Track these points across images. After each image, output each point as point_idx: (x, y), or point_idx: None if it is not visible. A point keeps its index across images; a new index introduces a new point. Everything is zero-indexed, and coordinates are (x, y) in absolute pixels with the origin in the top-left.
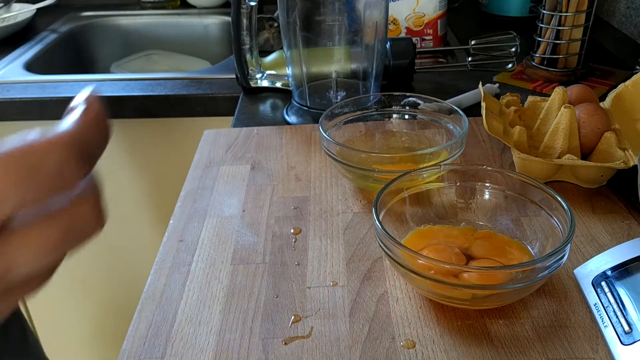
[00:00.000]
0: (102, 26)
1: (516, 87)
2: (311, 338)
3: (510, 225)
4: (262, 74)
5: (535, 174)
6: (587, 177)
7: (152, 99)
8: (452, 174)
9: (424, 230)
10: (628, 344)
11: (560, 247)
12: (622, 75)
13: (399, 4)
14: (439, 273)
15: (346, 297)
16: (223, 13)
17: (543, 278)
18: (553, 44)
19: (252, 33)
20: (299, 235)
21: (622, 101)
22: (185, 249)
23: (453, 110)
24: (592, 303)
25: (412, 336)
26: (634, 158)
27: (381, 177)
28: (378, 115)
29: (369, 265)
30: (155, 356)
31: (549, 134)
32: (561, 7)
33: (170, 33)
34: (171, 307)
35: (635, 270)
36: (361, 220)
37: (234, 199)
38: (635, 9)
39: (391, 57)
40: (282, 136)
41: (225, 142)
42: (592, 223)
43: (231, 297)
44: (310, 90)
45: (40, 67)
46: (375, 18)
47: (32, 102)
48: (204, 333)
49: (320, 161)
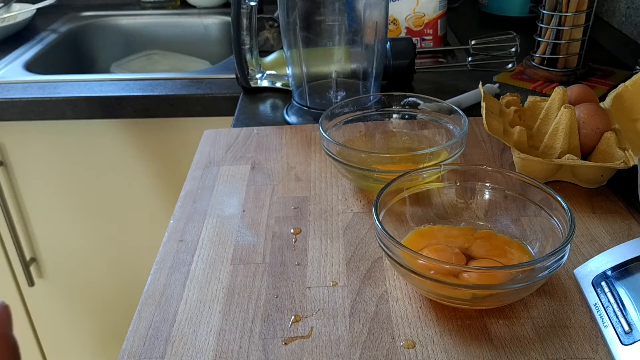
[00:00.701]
0: (102, 26)
1: (516, 87)
2: (311, 338)
3: (510, 225)
4: (262, 74)
5: (535, 174)
6: (587, 177)
7: (152, 99)
8: (452, 174)
9: (424, 230)
10: (628, 344)
11: (560, 247)
12: (622, 75)
13: (399, 4)
14: (439, 273)
15: (346, 297)
16: (223, 13)
17: (543, 278)
18: (553, 44)
19: (252, 33)
20: (299, 235)
21: (622, 101)
22: (185, 249)
23: (453, 110)
24: (592, 303)
25: (412, 336)
26: (634, 158)
27: (381, 177)
28: (378, 115)
29: (369, 265)
30: (155, 356)
31: (549, 134)
32: (561, 7)
33: (170, 33)
34: (171, 307)
35: (635, 270)
36: (361, 220)
37: (234, 198)
38: (635, 9)
39: (391, 57)
40: (282, 136)
41: (225, 142)
42: (592, 223)
43: (231, 297)
44: (310, 90)
45: (40, 67)
46: (375, 18)
47: (32, 102)
48: (204, 333)
49: (320, 161)
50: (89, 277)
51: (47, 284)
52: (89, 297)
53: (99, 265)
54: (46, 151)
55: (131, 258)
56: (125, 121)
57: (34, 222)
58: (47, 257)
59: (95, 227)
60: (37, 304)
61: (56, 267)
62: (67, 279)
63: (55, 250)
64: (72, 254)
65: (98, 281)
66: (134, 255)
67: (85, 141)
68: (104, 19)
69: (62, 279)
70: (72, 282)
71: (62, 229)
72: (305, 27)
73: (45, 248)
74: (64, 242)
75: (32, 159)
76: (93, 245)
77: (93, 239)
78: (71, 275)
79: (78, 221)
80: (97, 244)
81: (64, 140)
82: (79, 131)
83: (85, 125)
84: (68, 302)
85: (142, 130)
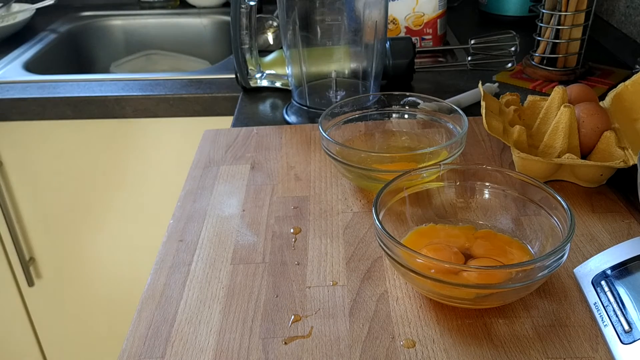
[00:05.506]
0: (101, 26)
1: (516, 86)
2: (311, 338)
3: (510, 225)
4: (261, 74)
5: (535, 174)
6: (587, 177)
7: (152, 99)
8: (451, 173)
9: (424, 230)
10: (628, 343)
11: (560, 246)
12: (621, 75)
13: (399, 3)
14: (439, 272)
15: (346, 296)
16: (223, 13)
17: (543, 277)
18: (552, 43)
19: (251, 33)
20: (299, 235)
21: (622, 100)
22: (185, 248)
23: (453, 110)
24: (592, 302)
25: (412, 335)
26: (633, 157)
27: (381, 176)
28: (378, 114)
29: (369, 264)
30: (155, 356)
31: (549, 133)
32: (561, 6)
33: (170, 33)
34: (171, 307)
35: (635, 269)
36: (361, 219)
37: (234, 198)
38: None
39: (391, 57)
40: (282, 136)
41: (225, 141)
42: (591, 222)
43: (231, 297)
44: (310, 90)
45: (39, 67)
46: (374, 17)
47: (32, 102)
48: (204, 333)
49: (320, 161)
50: (89, 277)
51: (47, 284)
52: (89, 297)
53: (99, 265)
54: (46, 151)
55: (131, 258)
56: (125, 121)
57: (34, 222)
58: (46, 257)
59: (95, 227)
60: (37, 304)
61: (56, 267)
62: (67, 279)
63: (55, 250)
64: (71, 254)
65: (98, 281)
66: (134, 255)
67: (85, 141)
68: (103, 19)
69: (62, 279)
70: (72, 282)
71: (61, 229)
72: (304, 26)
73: (45, 248)
74: (64, 242)
75: (31, 159)
76: (93, 245)
77: (93, 238)
78: (71, 275)
79: (78, 221)
80: (97, 243)
81: (63, 140)
82: (79, 131)
83: (85, 125)
84: (68, 302)
85: (142, 130)
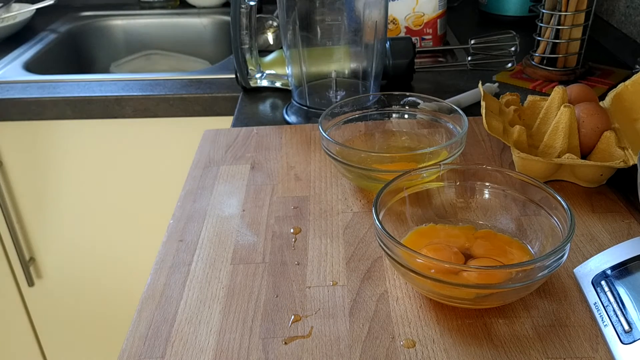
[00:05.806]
0: (101, 26)
1: (516, 86)
2: (311, 338)
3: (510, 225)
4: (261, 74)
5: (535, 174)
6: (587, 177)
7: (152, 99)
8: (451, 173)
9: (424, 230)
10: (628, 343)
11: (560, 246)
12: (621, 75)
13: (399, 3)
14: (439, 272)
15: (346, 296)
16: (223, 13)
17: (543, 277)
18: (552, 43)
19: (251, 33)
20: (299, 235)
21: (622, 100)
22: (185, 248)
23: (453, 110)
24: (592, 302)
25: (412, 335)
26: (633, 157)
27: (381, 176)
28: (378, 114)
29: (369, 264)
30: (155, 356)
31: (549, 133)
32: (560, 6)
33: (170, 33)
34: (171, 307)
35: (635, 269)
36: (361, 219)
37: (234, 198)
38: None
39: (391, 57)
40: (282, 136)
41: (225, 141)
42: (591, 222)
43: (231, 297)
44: (310, 89)
45: (39, 67)
46: (374, 17)
47: (32, 102)
48: (204, 333)
49: (320, 161)
50: (89, 277)
51: (47, 284)
52: (89, 297)
53: (99, 265)
54: (46, 151)
55: (131, 258)
56: (124, 121)
57: (33, 222)
58: (46, 257)
59: (95, 227)
60: (37, 304)
61: (56, 267)
62: (67, 279)
63: (54, 250)
64: (71, 254)
65: (98, 281)
66: (134, 255)
67: (85, 141)
68: (103, 19)
69: (62, 279)
70: (72, 282)
71: (61, 228)
72: (304, 26)
73: (45, 248)
74: (64, 242)
75: (31, 159)
76: (93, 245)
77: (93, 238)
78: (71, 275)
79: (78, 221)
80: (97, 243)
81: (63, 140)
82: (79, 131)
83: (85, 125)
84: (68, 302)
85: (142, 130)
